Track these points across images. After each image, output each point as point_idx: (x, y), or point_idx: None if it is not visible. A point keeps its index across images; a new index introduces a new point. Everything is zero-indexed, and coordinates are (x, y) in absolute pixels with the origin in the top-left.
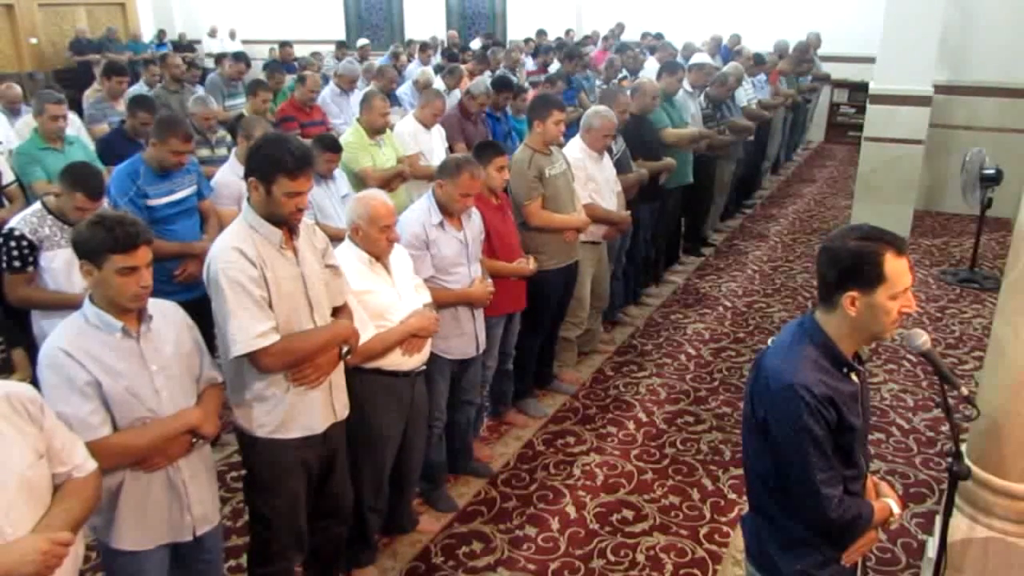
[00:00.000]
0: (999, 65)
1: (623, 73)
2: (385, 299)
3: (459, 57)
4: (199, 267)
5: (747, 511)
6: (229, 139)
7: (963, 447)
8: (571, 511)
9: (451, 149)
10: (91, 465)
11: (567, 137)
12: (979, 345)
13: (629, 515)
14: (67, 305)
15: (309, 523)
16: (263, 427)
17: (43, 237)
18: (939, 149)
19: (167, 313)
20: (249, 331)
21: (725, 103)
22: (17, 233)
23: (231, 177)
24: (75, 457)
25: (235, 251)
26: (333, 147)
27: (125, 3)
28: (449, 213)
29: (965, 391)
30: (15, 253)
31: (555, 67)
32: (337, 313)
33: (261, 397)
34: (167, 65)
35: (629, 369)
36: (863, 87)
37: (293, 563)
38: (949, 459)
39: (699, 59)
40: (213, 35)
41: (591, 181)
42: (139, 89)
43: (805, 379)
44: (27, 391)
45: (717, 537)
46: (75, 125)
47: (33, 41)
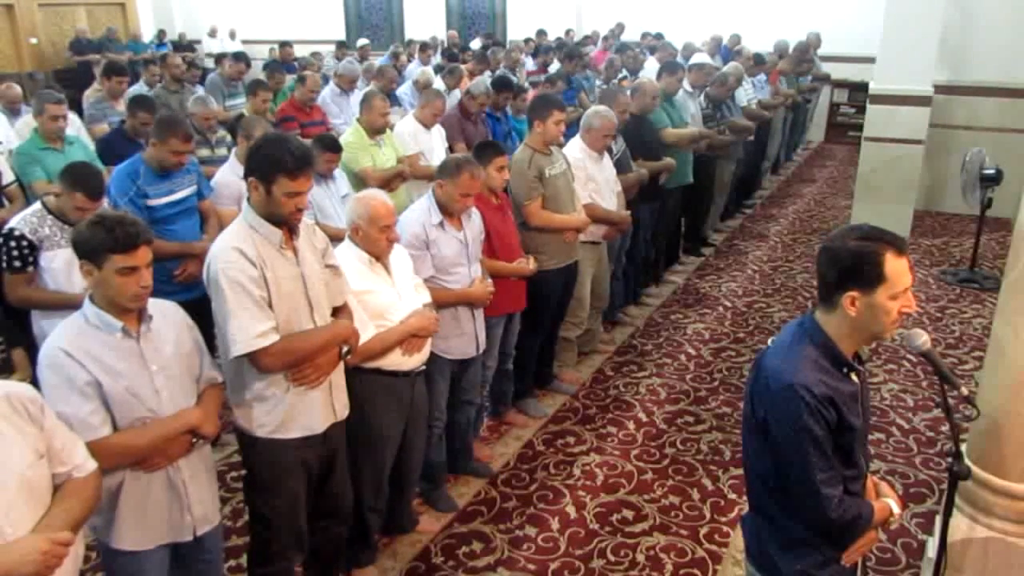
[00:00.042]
0: (999, 65)
1: (623, 73)
2: (385, 299)
3: (459, 57)
4: (199, 267)
5: (747, 511)
6: (229, 139)
7: (963, 447)
8: (571, 511)
9: (451, 149)
10: (91, 465)
11: (567, 137)
12: (979, 345)
13: (629, 515)
14: (67, 305)
15: (309, 523)
16: (263, 427)
17: (43, 237)
18: (939, 149)
19: (167, 313)
20: (249, 331)
21: (725, 103)
22: (17, 233)
23: (231, 177)
24: (75, 457)
25: (235, 251)
26: (333, 147)
27: (125, 3)
28: (449, 213)
29: (965, 391)
30: (15, 253)
31: (555, 67)
32: (337, 313)
33: (261, 397)
34: (167, 65)
35: (629, 369)
36: (863, 87)
37: (293, 563)
38: (949, 459)
39: (699, 59)
40: (213, 35)
41: (591, 181)
42: (139, 89)
43: (805, 379)
44: (27, 391)
45: (717, 537)
46: (75, 125)
47: (33, 41)
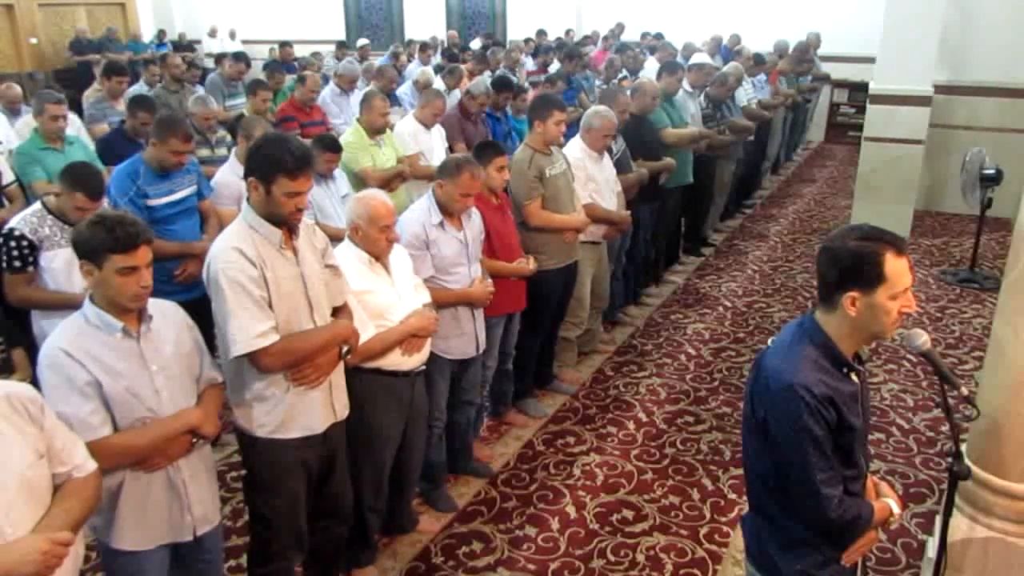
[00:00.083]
0: (999, 65)
1: (623, 73)
2: (385, 299)
3: (459, 57)
4: (199, 267)
5: (747, 511)
6: (229, 139)
7: (963, 447)
8: (571, 511)
9: (451, 149)
10: (91, 465)
11: (567, 137)
12: (979, 345)
13: (629, 515)
14: (67, 305)
15: (309, 523)
16: (263, 427)
17: (43, 237)
18: (939, 149)
19: (167, 313)
20: (249, 331)
21: (725, 103)
22: (17, 233)
23: (231, 177)
24: (75, 457)
25: (235, 251)
26: (333, 147)
27: (125, 3)
28: (449, 213)
29: (965, 391)
30: (15, 253)
31: (555, 67)
32: (337, 313)
33: (261, 397)
34: (167, 65)
35: (629, 369)
36: (863, 87)
37: (293, 563)
38: (949, 459)
39: (699, 59)
40: (213, 35)
41: (591, 181)
42: (139, 89)
43: (805, 379)
44: (27, 391)
45: (717, 537)
46: (75, 125)
47: (33, 41)
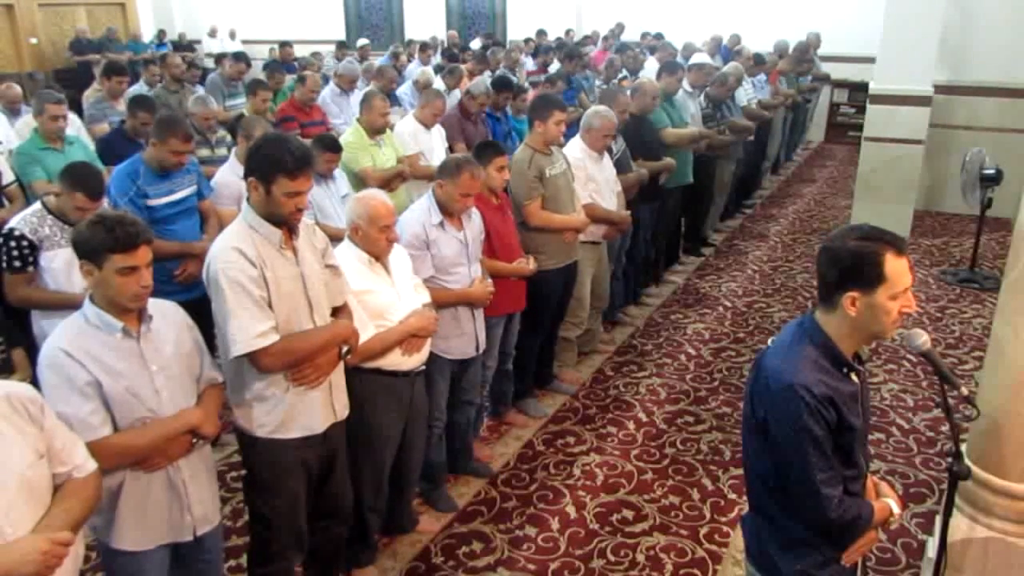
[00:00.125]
0: (999, 65)
1: (623, 73)
2: (385, 299)
3: (459, 57)
4: (199, 267)
5: (747, 511)
6: (229, 139)
7: (963, 447)
8: (571, 511)
9: (451, 149)
10: (91, 465)
11: (567, 137)
12: (979, 345)
13: (629, 515)
14: (67, 305)
15: (309, 523)
16: (263, 427)
17: (43, 237)
18: (939, 149)
19: (167, 313)
20: (249, 331)
21: (725, 103)
22: (17, 233)
23: (231, 177)
24: (75, 457)
25: (235, 251)
26: (333, 147)
27: (125, 3)
28: (449, 213)
29: (965, 391)
30: (15, 253)
31: (555, 67)
32: (337, 313)
33: (261, 397)
34: (167, 65)
35: (629, 369)
36: (863, 87)
37: (293, 563)
38: (949, 459)
39: (699, 59)
40: (213, 35)
41: (591, 181)
42: (139, 89)
43: (805, 379)
44: (27, 391)
45: (717, 537)
46: (75, 125)
47: (33, 41)
